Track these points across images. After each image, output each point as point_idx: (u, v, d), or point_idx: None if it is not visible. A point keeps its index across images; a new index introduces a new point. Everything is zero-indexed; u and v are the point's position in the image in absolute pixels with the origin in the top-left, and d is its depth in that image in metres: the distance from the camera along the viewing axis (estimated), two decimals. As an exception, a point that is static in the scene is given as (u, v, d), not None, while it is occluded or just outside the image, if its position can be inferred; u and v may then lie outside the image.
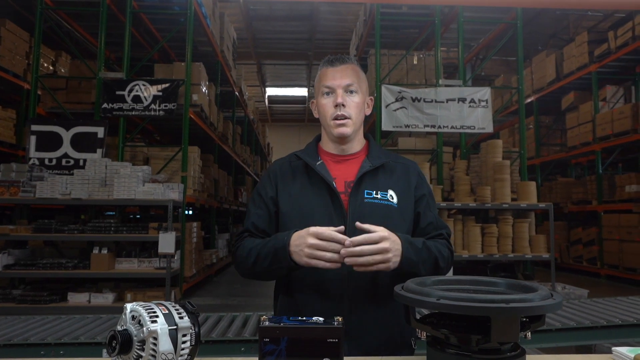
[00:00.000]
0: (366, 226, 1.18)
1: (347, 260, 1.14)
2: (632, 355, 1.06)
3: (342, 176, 1.37)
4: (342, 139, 1.39)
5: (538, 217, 7.81)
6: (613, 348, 1.15)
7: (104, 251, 5.75)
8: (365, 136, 1.48)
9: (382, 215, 1.31)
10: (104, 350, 2.32)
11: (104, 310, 5.31)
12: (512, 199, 6.46)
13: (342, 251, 1.14)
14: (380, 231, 1.16)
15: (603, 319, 2.50)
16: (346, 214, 1.31)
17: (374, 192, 1.35)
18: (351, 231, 1.26)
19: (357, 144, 1.43)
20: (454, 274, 6.20)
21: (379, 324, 1.29)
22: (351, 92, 1.37)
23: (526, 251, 6.31)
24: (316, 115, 1.45)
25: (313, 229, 1.17)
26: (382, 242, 1.15)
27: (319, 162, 1.38)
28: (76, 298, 5.63)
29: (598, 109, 9.08)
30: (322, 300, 1.28)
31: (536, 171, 10.83)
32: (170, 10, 7.71)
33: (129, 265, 5.89)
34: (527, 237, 6.38)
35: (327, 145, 1.44)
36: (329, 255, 1.15)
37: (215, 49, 8.84)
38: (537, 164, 10.80)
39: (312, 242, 1.16)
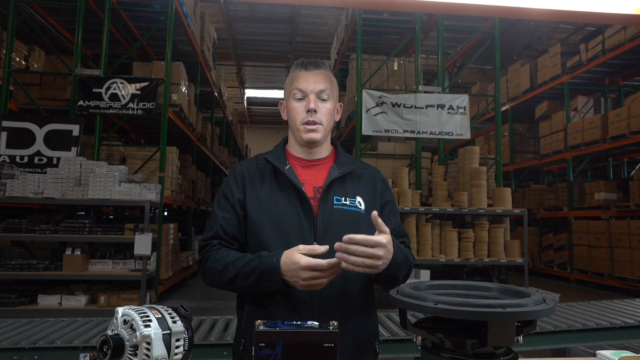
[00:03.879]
0: (380, 220, 1.15)
1: (338, 255, 1.11)
2: (616, 359, 1.10)
3: (310, 181, 1.36)
4: (311, 144, 1.38)
5: (511, 223, 8.02)
6: (597, 352, 1.18)
7: (77, 252, 5.60)
8: (333, 142, 1.47)
9: (351, 222, 1.31)
10: (81, 355, 2.25)
11: (76, 313, 5.17)
12: (488, 205, 6.59)
13: (337, 245, 1.10)
14: (380, 237, 1.13)
15: (578, 322, 2.57)
16: (316, 219, 1.29)
17: (343, 198, 1.33)
18: (321, 237, 1.27)
19: (325, 150, 1.42)
20: (431, 278, 6.28)
21: (347, 330, 1.28)
22: (323, 99, 1.36)
23: (501, 256, 6.45)
24: (284, 117, 1.43)
25: (305, 262, 1.13)
26: (376, 248, 1.12)
27: (288, 167, 1.36)
28: (47, 300, 5.46)
29: (570, 118, 9.38)
30: (291, 307, 1.26)
31: (510, 178, 11.10)
32: (150, 8, 7.58)
33: (103, 267, 5.75)
34: (502, 242, 6.51)
35: (294, 149, 1.42)
36: (325, 281, 1.15)
37: (196, 49, 8.74)
38: (511, 170, 11.07)
39: (306, 275, 1.14)
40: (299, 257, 1.15)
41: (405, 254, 1.29)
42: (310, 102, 1.34)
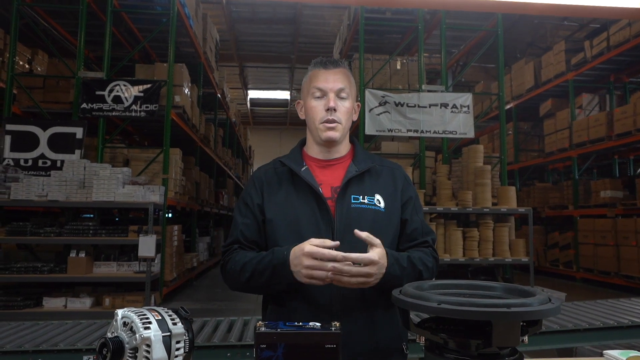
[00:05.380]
0: (364, 235, 1.17)
1: (331, 275, 1.14)
2: (624, 359, 1.08)
3: (328, 182, 1.34)
4: (330, 143, 1.36)
5: (516, 222, 7.97)
6: (604, 351, 1.16)
7: (82, 255, 5.61)
8: (351, 140, 1.46)
9: (370, 221, 1.30)
10: (85, 357, 2.25)
11: (81, 316, 5.17)
12: (493, 204, 6.55)
13: (329, 265, 1.13)
14: (372, 254, 1.15)
15: (585, 321, 2.54)
16: (333, 220, 1.28)
17: (361, 197, 1.32)
18: (340, 238, 1.24)
19: (343, 148, 1.41)
20: (436, 278, 6.29)
21: (369, 330, 1.27)
22: (342, 97, 1.35)
23: (506, 255, 6.41)
24: (302, 117, 1.42)
25: (308, 248, 1.14)
26: (368, 267, 1.14)
27: (304, 168, 1.34)
28: (52, 303, 5.47)
29: (574, 116, 9.32)
30: (312, 308, 1.25)
31: (515, 176, 11.04)
32: (152, 10, 7.60)
33: (107, 269, 5.76)
34: (507, 241, 6.48)
35: (312, 150, 1.41)
36: (323, 274, 1.14)
37: (198, 50, 8.74)
38: (516, 169, 11.01)
39: (308, 263, 1.14)
40: (305, 243, 1.16)
41: (414, 265, 1.26)
42: (330, 101, 1.32)
